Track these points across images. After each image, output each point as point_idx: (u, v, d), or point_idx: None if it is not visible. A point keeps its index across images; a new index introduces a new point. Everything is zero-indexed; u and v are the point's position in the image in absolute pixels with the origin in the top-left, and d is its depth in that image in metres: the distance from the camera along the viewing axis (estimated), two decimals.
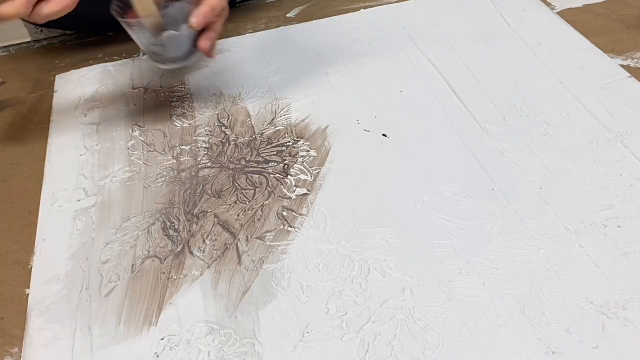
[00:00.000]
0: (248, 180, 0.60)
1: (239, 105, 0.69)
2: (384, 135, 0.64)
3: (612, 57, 0.71)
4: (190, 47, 0.62)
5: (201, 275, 0.52)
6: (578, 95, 0.66)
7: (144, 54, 0.61)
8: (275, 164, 0.61)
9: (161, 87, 0.73)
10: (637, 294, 0.47)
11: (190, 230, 0.55)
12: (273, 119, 0.67)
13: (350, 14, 0.83)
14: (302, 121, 0.66)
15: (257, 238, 0.54)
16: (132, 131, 0.67)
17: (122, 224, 0.57)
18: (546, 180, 0.57)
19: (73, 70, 0.77)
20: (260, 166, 0.61)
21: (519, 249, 0.51)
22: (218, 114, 0.68)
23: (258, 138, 0.65)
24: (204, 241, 0.54)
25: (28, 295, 0.52)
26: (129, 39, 0.62)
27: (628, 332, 0.45)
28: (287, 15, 0.85)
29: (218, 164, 0.62)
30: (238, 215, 0.56)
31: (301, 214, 0.56)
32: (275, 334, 0.47)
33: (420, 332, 0.46)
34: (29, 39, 0.84)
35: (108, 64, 0.78)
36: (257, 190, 0.59)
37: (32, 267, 0.54)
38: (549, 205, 0.54)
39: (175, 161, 0.63)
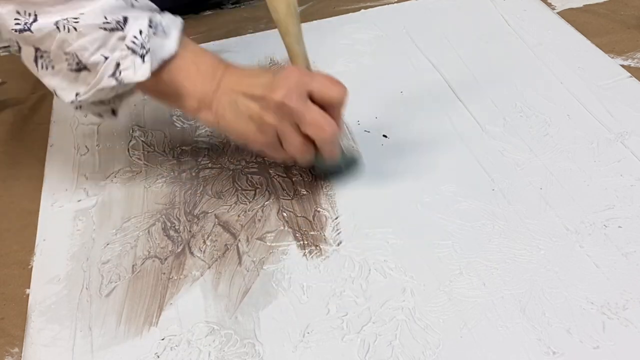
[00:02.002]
0: (248, 181, 0.60)
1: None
2: (384, 135, 0.63)
3: (612, 57, 0.71)
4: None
5: (201, 275, 0.52)
6: (578, 95, 0.66)
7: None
8: (276, 164, 0.61)
9: None
10: (638, 294, 0.47)
11: (190, 231, 0.55)
12: None
13: (350, 14, 0.83)
14: None
15: (257, 239, 0.54)
16: (133, 131, 0.67)
17: (123, 224, 0.57)
18: (546, 180, 0.57)
19: None
20: (260, 166, 0.61)
21: (519, 249, 0.51)
22: None
23: None
24: (204, 241, 0.54)
25: (28, 295, 0.52)
26: None
27: (628, 332, 0.45)
28: None
29: (218, 164, 0.62)
30: (238, 216, 0.56)
31: (302, 215, 0.56)
32: (276, 334, 0.47)
33: (420, 332, 0.46)
34: None
35: None
36: (258, 190, 0.59)
37: (32, 267, 0.54)
38: (549, 205, 0.54)
39: (175, 161, 0.63)
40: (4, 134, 0.69)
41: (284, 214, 0.56)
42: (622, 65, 0.69)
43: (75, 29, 0.49)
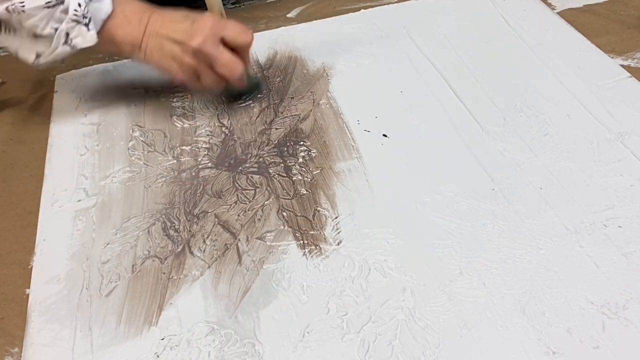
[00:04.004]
0: (248, 180, 0.60)
1: (239, 106, 0.69)
2: (384, 135, 0.64)
3: (612, 57, 0.71)
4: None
5: (201, 275, 0.52)
6: (578, 95, 0.66)
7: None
8: (276, 164, 0.61)
9: (161, 87, 0.73)
10: (637, 294, 0.47)
11: (190, 230, 0.55)
12: (273, 119, 0.67)
13: (350, 14, 0.83)
14: (303, 121, 0.66)
15: (257, 238, 0.54)
16: (132, 131, 0.67)
17: (123, 224, 0.57)
18: (546, 180, 0.57)
19: (73, 70, 0.77)
20: (260, 166, 0.61)
21: (519, 249, 0.51)
22: (218, 114, 0.68)
23: (258, 138, 0.65)
24: (204, 241, 0.54)
25: (28, 295, 0.52)
26: None
27: (628, 332, 0.45)
28: (287, 15, 0.85)
29: (218, 164, 0.62)
30: (238, 215, 0.56)
31: (302, 215, 0.56)
32: (276, 334, 0.47)
33: (420, 332, 0.46)
34: None
35: (108, 64, 0.78)
36: (257, 190, 0.59)
37: (32, 267, 0.54)
38: (549, 205, 0.54)
39: (175, 161, 0.63)
40: (4, 134, 0.69)
41: (284, 214, 0.56)
42: (622, 65, 0.69)
43: (23, 11, 0.58)
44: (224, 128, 0.66)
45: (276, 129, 0.66)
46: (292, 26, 0.82)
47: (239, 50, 0.62)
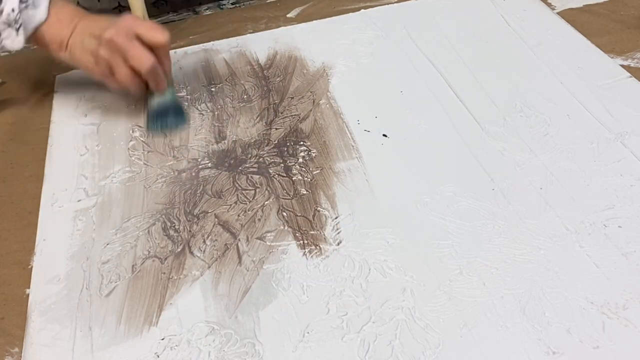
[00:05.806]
0: (248, 181, 0.60)
1: (240, 105, 0.69)
2: (384, 135, 0.64)
3: (612, 57, 0.71)
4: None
5: (201, 275, 0.52)
6: (578, 95, 0.66)
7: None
8: (276, 164, 0.61)
9: None
10: (638, 294, 0.47)
11: (190, 231, 0.55)
12: (274, 119, 0.67)
13: (350, 14, 0.83)
14: (303, 121, 0.66)
15: (257, 238, 0.54)
16: (132, 131, 0.67)
17: (123, 224, 0.57)
18: (546, 180, 0.57)
19: (73, 70, 0.77)
20: (260, 166, 0.61)
21: (519, 249, 0.51)
22: (218, 114, 0.68)
23: (258, 138, 0.65)
24: (204, 241, 0.54)
25: (28, 295, 0.52)
26: None
27: (628, 332, 0.45)
28: (287, 15, 0.85)
29: (218, 164, 0.62)
30: (238, 216, 0.56)
31: (302, 215, 0.56)
32: (276, 334, 0.47)
33: (420, 332, 0.46)
34: None
35: None
36: (258, 190, 0.59)
37: (32, 267, 0.54)
38: (549, 205, 0.54)
39: (175, 161, 0.63)
40: (4, 134, 0.69)
41: (284, 214, 0.56)
42: (622, 65, 0.69)
43: None
44: (224, 128, 0.66)
45: (276, 129, 0.66)
46: (292, 26, 0.82)
47: (156, 51, 0.63)
